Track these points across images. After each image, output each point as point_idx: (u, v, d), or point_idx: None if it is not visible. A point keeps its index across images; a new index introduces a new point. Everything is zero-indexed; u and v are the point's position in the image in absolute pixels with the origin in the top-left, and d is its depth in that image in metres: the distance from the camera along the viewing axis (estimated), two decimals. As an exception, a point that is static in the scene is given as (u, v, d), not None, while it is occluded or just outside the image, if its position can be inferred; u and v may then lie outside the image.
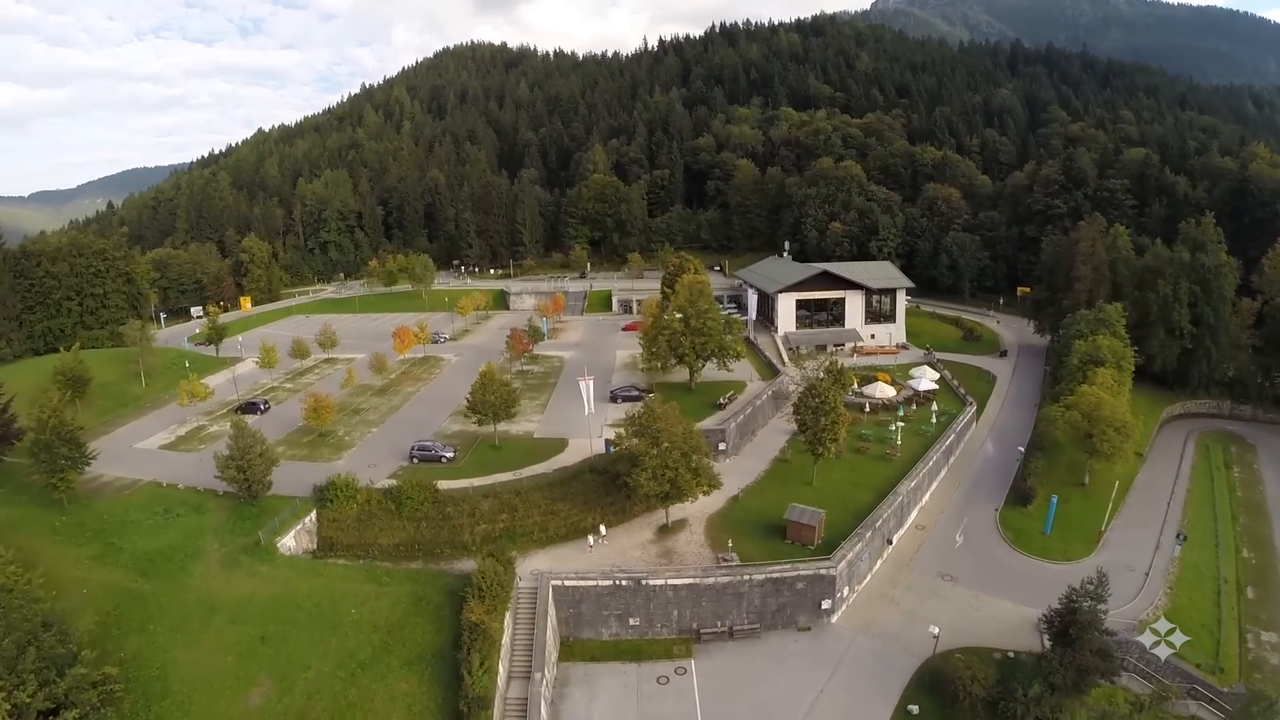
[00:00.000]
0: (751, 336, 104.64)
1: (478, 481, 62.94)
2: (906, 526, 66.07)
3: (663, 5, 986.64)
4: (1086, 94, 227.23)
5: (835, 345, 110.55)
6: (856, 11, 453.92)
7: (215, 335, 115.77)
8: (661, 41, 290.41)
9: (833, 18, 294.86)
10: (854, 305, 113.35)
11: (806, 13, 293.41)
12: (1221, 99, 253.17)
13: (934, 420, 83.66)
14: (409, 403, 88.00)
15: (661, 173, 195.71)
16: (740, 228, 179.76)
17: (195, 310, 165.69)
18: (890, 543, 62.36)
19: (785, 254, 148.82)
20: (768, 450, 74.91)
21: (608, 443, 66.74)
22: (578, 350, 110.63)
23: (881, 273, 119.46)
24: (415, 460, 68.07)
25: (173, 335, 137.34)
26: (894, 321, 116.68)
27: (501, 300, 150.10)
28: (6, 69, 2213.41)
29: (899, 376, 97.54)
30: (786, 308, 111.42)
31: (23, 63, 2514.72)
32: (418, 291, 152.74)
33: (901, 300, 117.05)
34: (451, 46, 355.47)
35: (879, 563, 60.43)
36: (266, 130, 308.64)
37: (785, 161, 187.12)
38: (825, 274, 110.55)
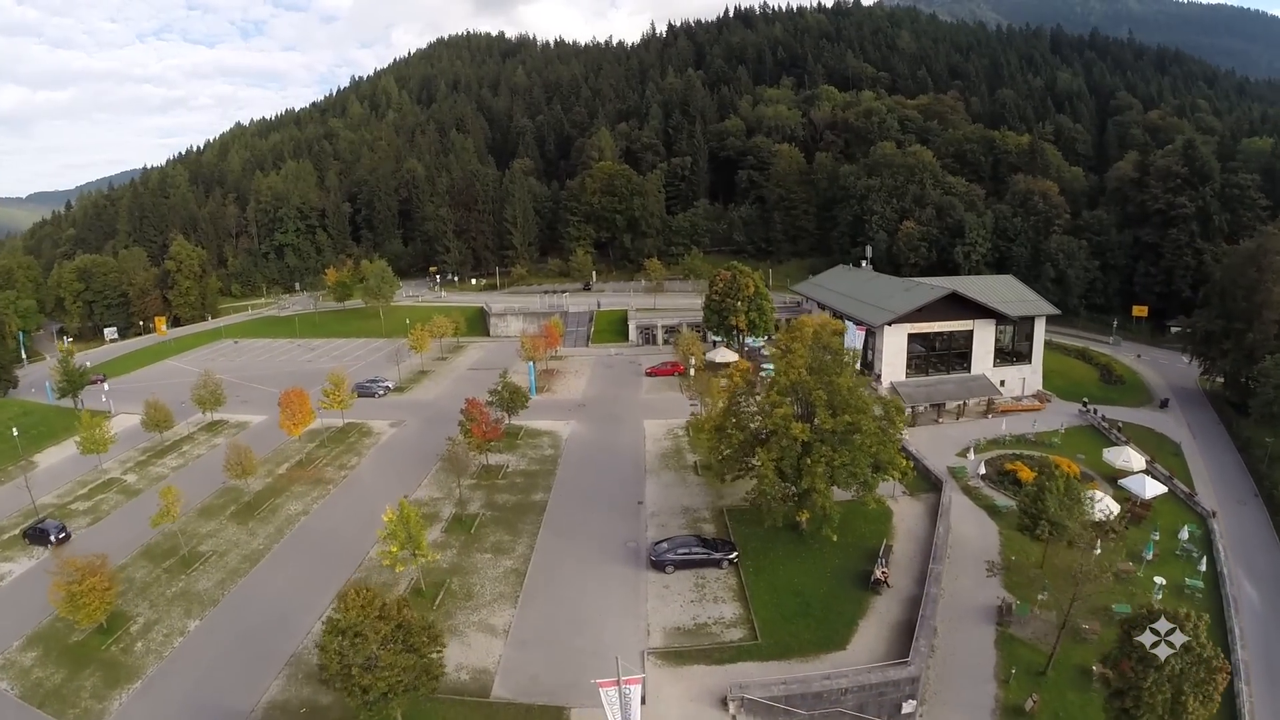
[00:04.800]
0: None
1: None
2: None
3: (663, 5, 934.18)
4: (1153, 82, 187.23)
5: (958, 401, 70.30)
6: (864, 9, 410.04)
7: (69, 384, 75.25)
8: (671, 26, 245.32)
9: (857, 1, 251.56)
10: (982, 341, 72.95)
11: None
12: (1268, 91, 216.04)
13: (1198, 564, 44.59)
14: (285, 540, 45.82)
15: (681, 161, 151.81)
16: (783, 227, 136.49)
17: (109, 333, 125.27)
18: None
19: (865, 262, 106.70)
20: (971, 673, 33.76)
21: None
22: (583, 417, 66.93)
23: (1010, 292, 78.75)
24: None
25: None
26: (1029, 362, 76.38)
27: (481, 321, 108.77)
28: (9, 71, 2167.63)
29: (1087, 463, 57.60)
30: (895, 345, 70.09)
31: (25, 65, 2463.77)
32: (375, 309, 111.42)
33: (1040, 332, 76.63)
34: (446, 37, 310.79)
35: None
36: (246, 125, 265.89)
37: (833, 147, 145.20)
38: (953, 297, 69.26)
